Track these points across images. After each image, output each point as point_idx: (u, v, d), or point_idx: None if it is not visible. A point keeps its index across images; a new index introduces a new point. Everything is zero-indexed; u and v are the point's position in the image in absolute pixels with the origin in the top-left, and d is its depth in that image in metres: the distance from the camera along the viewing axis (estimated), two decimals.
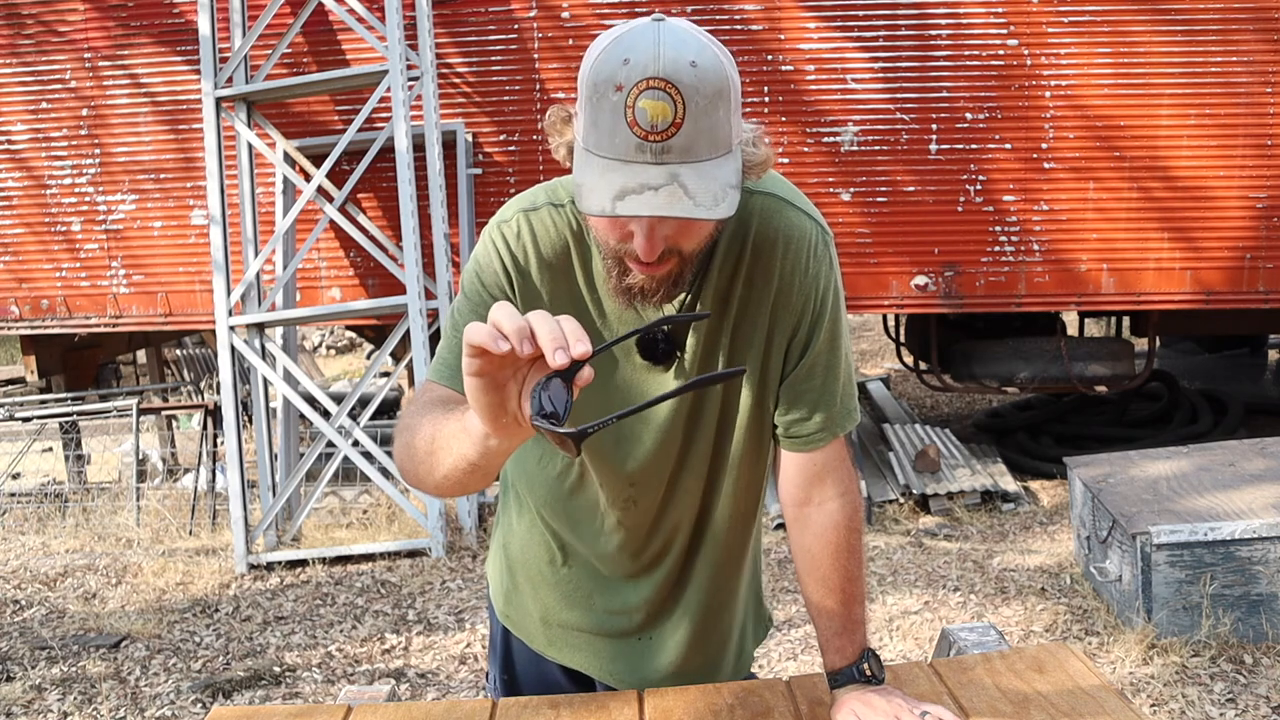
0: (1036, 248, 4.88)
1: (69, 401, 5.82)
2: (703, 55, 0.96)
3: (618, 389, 1.21)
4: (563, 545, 1.37)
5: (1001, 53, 4.76)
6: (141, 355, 8.38)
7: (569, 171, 1.08)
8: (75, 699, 3.08)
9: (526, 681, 1.43)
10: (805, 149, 4.89)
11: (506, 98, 4.98)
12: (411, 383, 4.93)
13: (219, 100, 4.59)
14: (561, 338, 0.79)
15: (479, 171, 5.04)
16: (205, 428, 5.49)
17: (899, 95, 4.83)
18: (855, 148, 4.88)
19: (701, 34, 0.99)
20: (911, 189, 4.90)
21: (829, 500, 1.23)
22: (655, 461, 1.23)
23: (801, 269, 1.16)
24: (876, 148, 4.88)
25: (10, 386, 7.60)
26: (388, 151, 4.72)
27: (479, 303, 1.18)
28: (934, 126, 4.84)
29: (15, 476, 5.82)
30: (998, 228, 4.89)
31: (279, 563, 4.35)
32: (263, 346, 4.64)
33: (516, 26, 4.92)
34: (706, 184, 0.96)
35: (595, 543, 1.32)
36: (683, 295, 1.15)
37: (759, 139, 1.05)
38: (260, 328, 4.63)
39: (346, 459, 4.51)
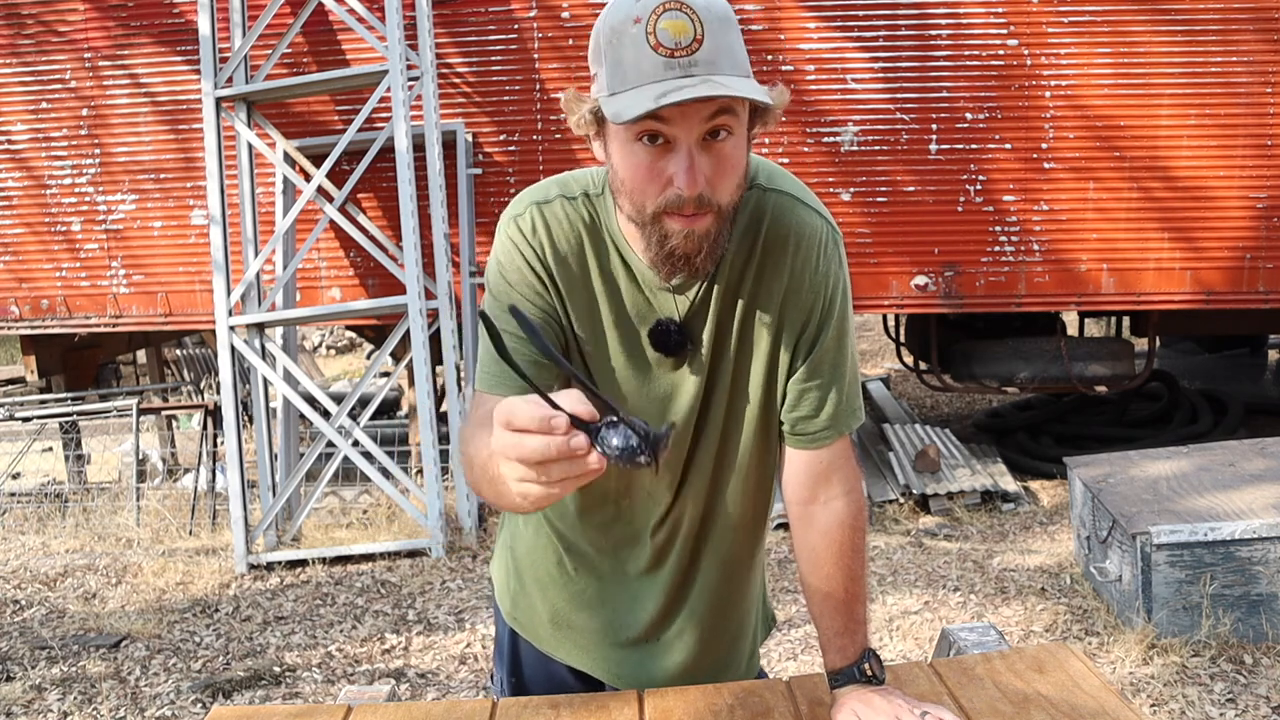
0: (1036, 248, 4.88)
1: (69, 401, 5.82)
2: None
3: (635, 380, 1.21)
4: (569, 547, 1.37)
5: (1001, 53, 4.76)
6: (141, 355, 8.37)
7: (577, 164, 1.08)
8: (75, 699, 3.08)
9: (535, 683, 1.43)
10: (805, 149, 4.89)
11: (506, 98, 4.98)
12: (411, 383, 4.93)
13: (219, 100, 4.59)
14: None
15: (479, 171, 5.04)
16: (205, 428, 5.48)
17: (899, 95, 4.83)
18: (855, 148, 4.88)
19: None
20: (911, 189, 4.90)
21: (835, 499, 1.23)
22: (672, 457, 1.24)
23: (812, 266, 1.17)
24: (876, 148, 4.88)
25: (10, 386, 7.60)
26: (388, 151, 4.72)
27: (513, 301, 1.17)
28: (934, 126, 4.84)
29: (15, 476, 5.82)
30: (998, 228, 4.89)
31: (279, 563, 4.35)
32: (263, 346, 4.64)
33: (516, 26, 4.92)
34: (738, 81, 0.99)
35: (602, 539, 1.32)
36: (697, 285, 1.15)
37: (768, 79, 1.07)
38: (260, 328, 4.63)
39: (346, 459, 4.51)
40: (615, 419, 0.80)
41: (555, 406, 0.78)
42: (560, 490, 0.80)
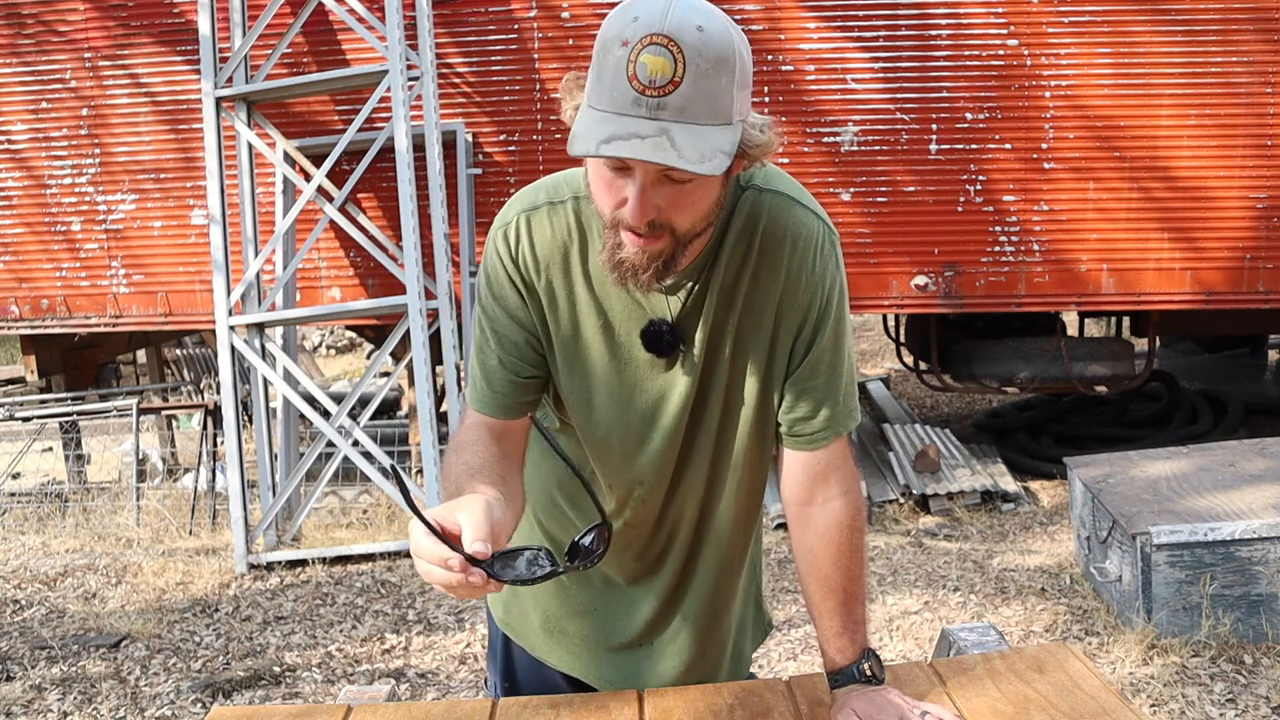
0: (1036, 248, 4.88)
1: (69, 401, 5.82)
2: (711, 23, 0.97)
3: (625, 383, 1.21)
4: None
5: (1001, 53, 4.76)
6: (141, 355, 8.37)
7: (578, 163, 1.08)
8: (75, 699, 3.08)
9: (527, 688, 1.43)
10: (805, 149, 4.89)
11: (506, 98, 4.98)
12: (411, 383, 4.93)
13: (219, 100, 4.59)
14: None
15: (479, 171, 5.04)
16: (205, 428, 5.49)
17: (899, 95, 4.83)
18: (855, 148, 4.88)
19: (715, 9, 0.99)
20: (911, 189, 4.89)
21: (832, 499, 1.23)
22: (662, 458, 1.24)
23: (808, 267, 1.17)
24: (876, 148, 4.88)
25: (10, 386, 7.59)
26: (388, 151, 4.72)
27: (495, 317, 1.20)
28: (934, 126, 4.84)
29: (15, 476, 5.82)
30: (998, 228, 4.89)
31: (279, 563, 4.35)
32: (263, 346, 4.64)
33: (516, 26, 4.92)
34: (696, 143, 0.96)
35: None
36: (689, 286, 1.15)
37: (768, 126, 1.04)
38: (260, 328, 4.63)
39: (346, 459, 4.50)
40: (515, 550, 0.96)
41: (453, 546, 0.92)
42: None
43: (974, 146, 4.84)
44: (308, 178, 4.83)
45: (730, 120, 0.99)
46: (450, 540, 0.92)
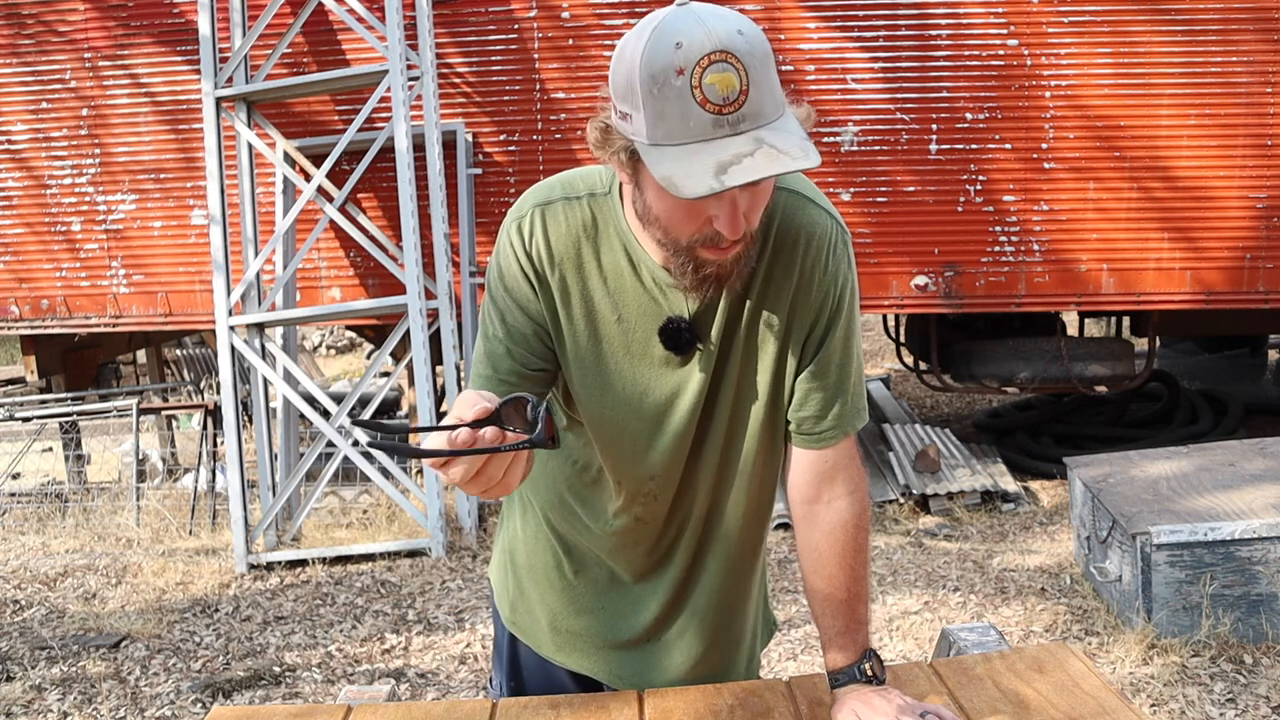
0: (1036, 248, 4.88)
1: (69, 401, 5.82)
2: (743, 24, 0.99)
3: (638, 380, 1.21)
4: (569, 550, 1.36)
5: (1001, 53, 4.76)
6: (141, 355, 8.37)
7: (577, 164, 1.08)
8: (75, 699, 3.08)
9: (534, 687, 1.43)
10: None
11: (506, 98, 4.98)
12: (411, 383, 4.92)
13: (219, 100, 4.59)
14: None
15: (479, 171, 5.04)
16: (205, 428, 5.48)
17: (899, 95, 4.83)
18: (855, 148, 4.88)
19: (730, 9, 1.01)
20: (911, 189, 4.90)
21: (838, 498, 1.24)
22: (673, 454, 1.24)
23: (821, 266, 1.17)
24: (876, 148, 4.88)
25: (10, 386, 7.59)
26: (388, 151, 4.72)
27: (505, 308, 1.20)
28: (934, 126, 4.84)
29: (15, 476, 5.82)
30: (998, 228, 4.89)
31: (279, 563, 4.35)
32: (263, 346, 4.64)
33: (516, 26, 4.92)
34: (788, 139, 0.98)
35: (605, 540, 1.32)
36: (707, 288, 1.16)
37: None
38: (260, 328, 4.63)
39: (346, 459, 4.51)
40: (508, 400, 0.92)
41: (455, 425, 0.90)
42: (503, 482, 0.93)
43: (974, 146, 4.84)
44: (308, 178, 4.83)
45: (784, 106, 1.02)
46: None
